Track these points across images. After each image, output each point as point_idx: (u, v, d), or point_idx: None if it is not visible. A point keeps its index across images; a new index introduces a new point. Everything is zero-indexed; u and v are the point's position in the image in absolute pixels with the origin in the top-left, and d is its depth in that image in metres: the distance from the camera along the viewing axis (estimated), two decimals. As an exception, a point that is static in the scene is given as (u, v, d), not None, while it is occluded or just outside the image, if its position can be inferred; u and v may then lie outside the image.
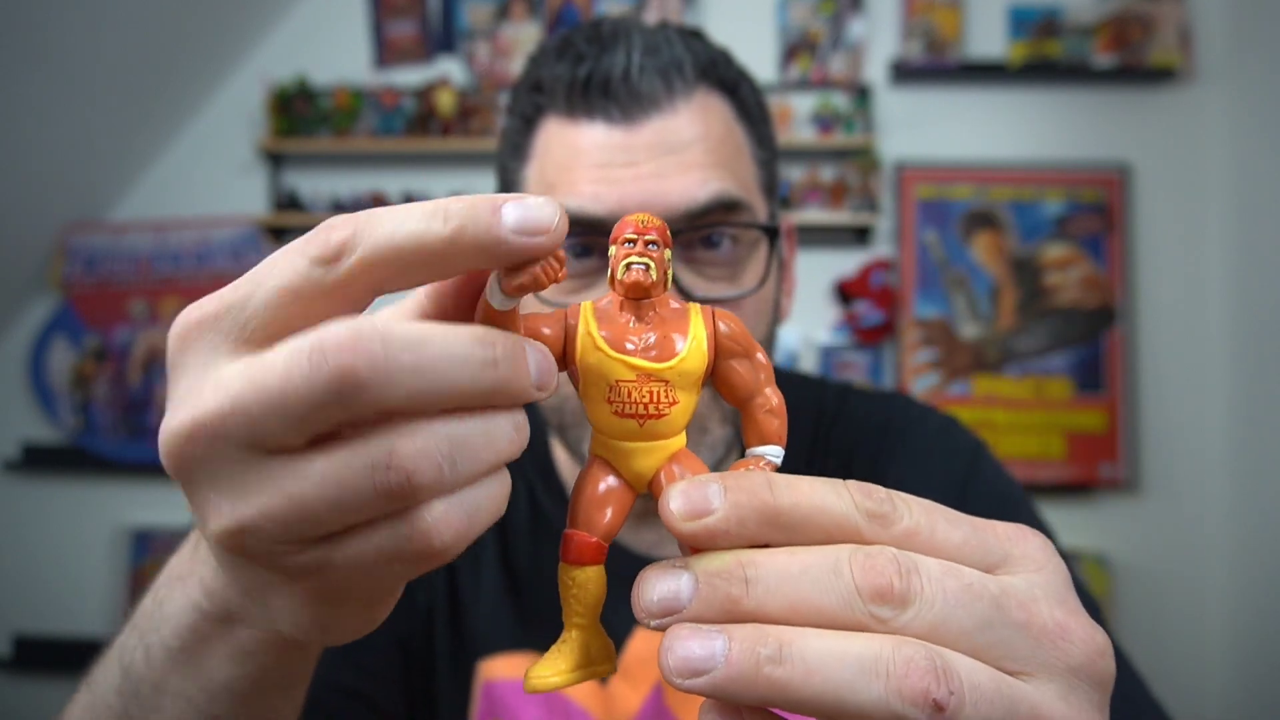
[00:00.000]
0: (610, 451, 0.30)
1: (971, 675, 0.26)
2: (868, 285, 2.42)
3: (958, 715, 0.25)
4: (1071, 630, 0.27)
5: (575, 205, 0.64)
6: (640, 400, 0.29)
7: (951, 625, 0.26)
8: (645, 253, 0.29)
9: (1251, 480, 2.22)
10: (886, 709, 0.25)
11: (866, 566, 0.26)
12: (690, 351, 0.30)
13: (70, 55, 2.08)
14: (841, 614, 0.26)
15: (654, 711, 0.68)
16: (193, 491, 0.27)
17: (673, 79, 0.66)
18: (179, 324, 0.28)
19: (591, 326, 0.30)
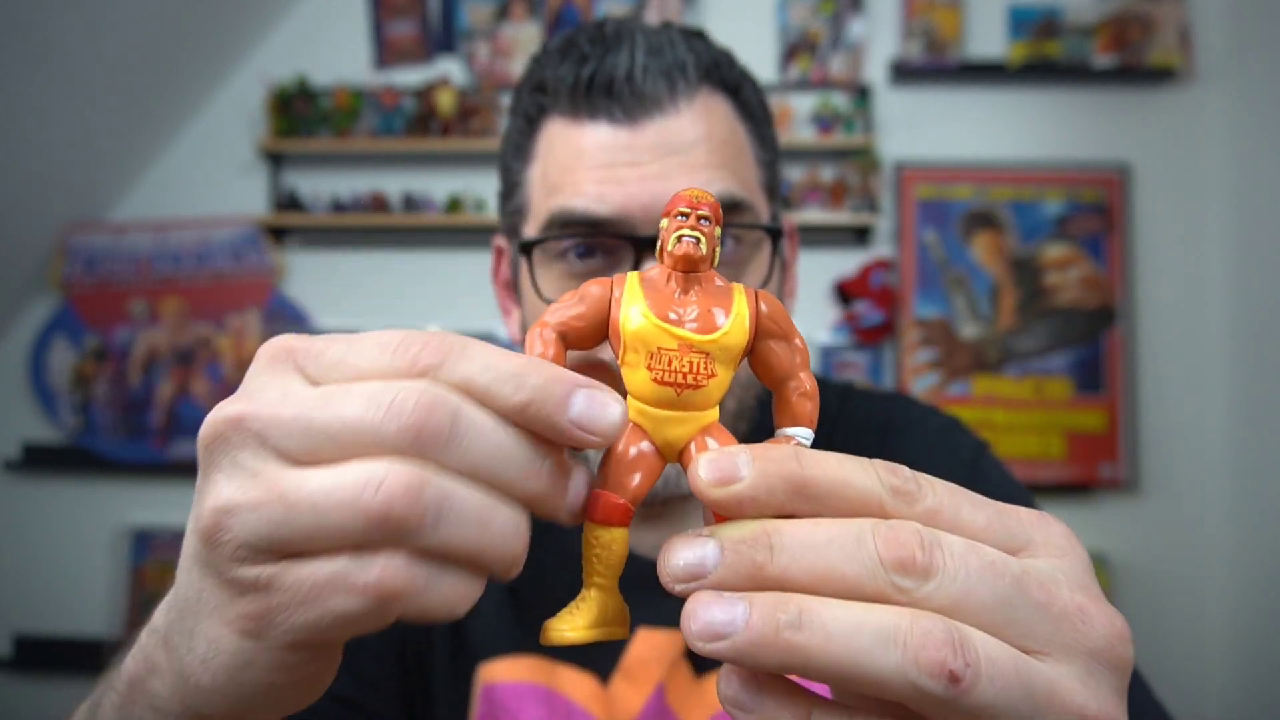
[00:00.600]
0: (645, 418, 0.31)
1: (988, 650, 0.26)
2: (868, 285, 2.42)
3: (973, 688, 0.25)
4: (1092, 614, 0.28)
5: (579, 205, 0.64)
6: (680, 369, 0.30)
7: (972, 600, 0.27)
8: (697, 226, 0.30)
9: (1251, 480, 2.22)
10: (903, 678, 0.25)
11: (889, 538, 0.27)
12: (733, 327, 0.30)
13: (70, 55, 2.08)
14: (864, 583, 0.27)
15: (656, 712, 0.68)
16: (207, 471, 0.29)
17: (676, 80, 0.66)
18: (272, 345, 0.31)
19: (638, 294, 0.31)
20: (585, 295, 0.31)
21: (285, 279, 2.54)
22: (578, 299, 0.31)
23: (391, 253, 2.53)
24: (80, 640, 2.46)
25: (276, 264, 2.52)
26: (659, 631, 0.69)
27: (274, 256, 2.52)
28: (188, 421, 2.50)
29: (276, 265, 2.52)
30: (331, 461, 0.27)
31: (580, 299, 0.31)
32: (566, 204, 0.65)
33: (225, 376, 2.50)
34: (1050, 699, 0.26)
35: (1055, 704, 0.26)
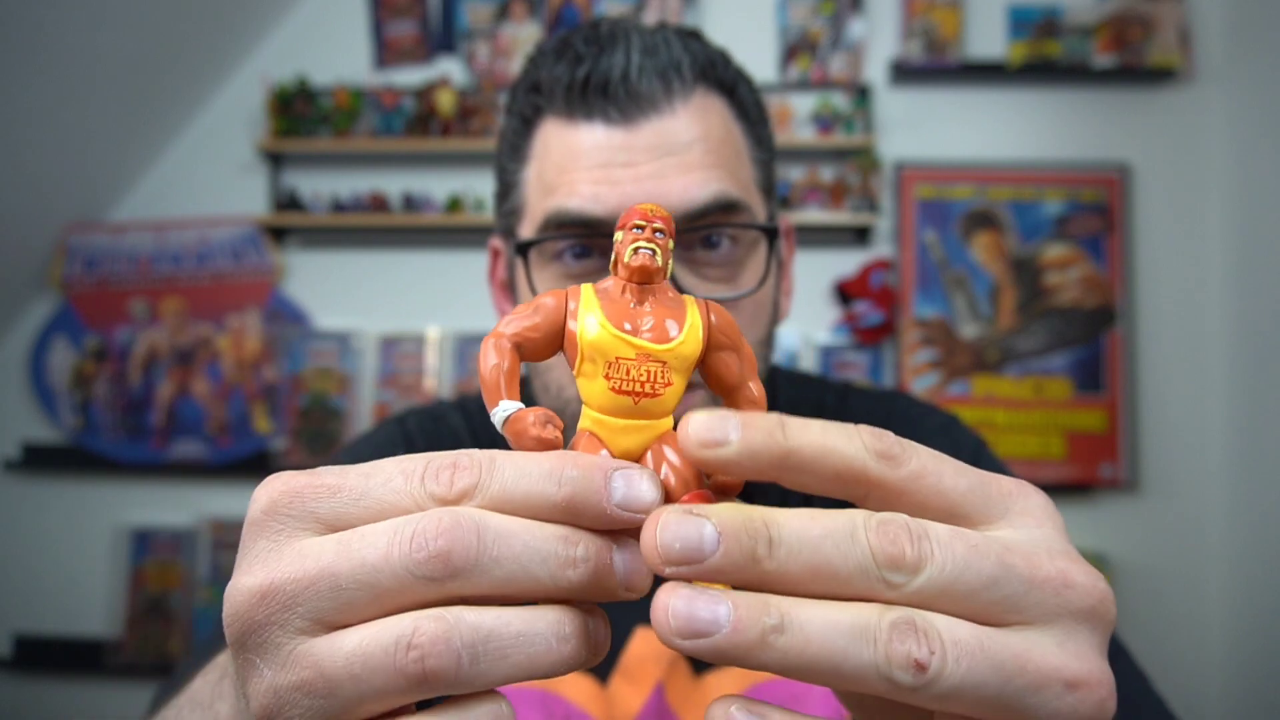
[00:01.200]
0: (602, 428, 0.31)
1: (953, 634, 0.27)
2: (867, 285, 2.42)
3: (940, 673, 0.26)
4: (1073, 577, 0.28)
5: (575, 206, 0.64)
6: (638, 378, 0.30)
7: (960, 586, 0.27)
8: (653, 239, 0.31)
9: (1251, 480, 2.22)
10: (876, 672, 0.26)
11: (881, 532, 0.27)
12: (687, 337, 0.31)
13: (70, 55, 2.08)
14: (855, 580, 0.27)
15: (655, 711, 0.67)
16: (241, 654, 0.28)
17: (671, 80, 0.66)
18: (271, 490, 0.29)
19: (594, 304, 0.31)
20: (540, 306, 0.31)
21: (285, 279, 2.54)
22: (532, 310, 0.32)
23: (391, 253, 2.53)
24: (80, 640, 2.46)
25: (276, 264, 2.52)
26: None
27: (274, 256, 2.52)
28: (188, 421, 2.50)
29: (276, 265, 2.52)
30: (368, 610, 0.27)
31: (535, 310, 0.31)
32: (562, 205, 0.65)
33: (225, 376, 2.50)
34: (1021, 668, 0.27)
35: (1028, 671, 0.27)
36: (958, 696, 0.27)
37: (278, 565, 0.28)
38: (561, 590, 0.28)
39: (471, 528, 0.27)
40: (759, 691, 0.68)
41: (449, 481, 0.28)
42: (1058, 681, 0.27)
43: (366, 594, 0.27)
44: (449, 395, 2.45)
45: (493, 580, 0.27)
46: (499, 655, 0.27)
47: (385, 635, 0.27)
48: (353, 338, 2.49)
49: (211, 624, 2.39)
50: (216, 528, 2.46)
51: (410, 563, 0.27)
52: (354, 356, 2.49)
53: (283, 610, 0.27)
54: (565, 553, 0.28)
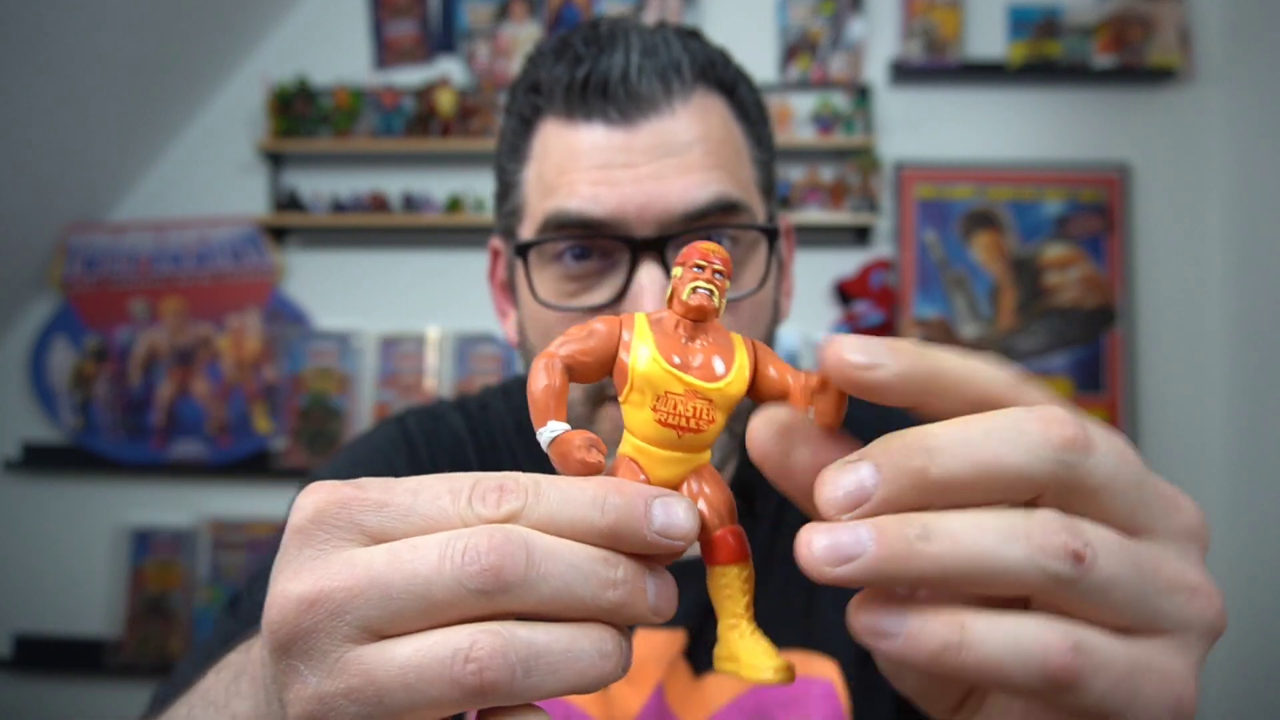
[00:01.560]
0: (643, 455, 0.32)
1: (1097, 533, 0.28)
2: (868, 285, 2.42)
3: (1094, 565, 0.27)
4: (1180, 499, 0.30)
5: (575, 207, 0.64)
6: (685, 413, 0.31)
7: (1121, 478, 0.29)
8: (713, 280, 0.32)
9: (1251, 480, 2.22)
10: (1032, 565, 0.27)
11: (1047, 418, 0.28)
12: (735, 377, 0.32)
13: (70, 55, 2.08)
14: (1032, 468, 0.27)
15: (655, 712, 0.67)
16: (284, 660, 0.28)
17: (671, 80, 0.65)
18: (317, 499, 0.29)
19: (648, 336, 0.32)
20: (594, 332, 0.32)
21: (285, 279, 2.54)
22: (587, 334, 0.32)
23: (391, 253, 2.53)
24: (80, 640, 2.46)
25: (276, 264, 2.52)
26: (658, 632, 0.69)
27: (274, 256, 2.52)
28: (188, 421, 2.50)
29: (276, 265, 2.52)
30: (416, 621, 0.28)
31: (589, 335, 0.32)
32: (562, 206, 0.65)
33: (225, 376, 2.50)
34: (1156, 571, 0.28)
35: (1160, 576, 0.28)
36: (1104, 593, 0.27)
37: (326, 572, 0.28)
38: (601, 610, 0.29)
39: (521, 545, 0.28)
40: (760, 691, 0.68)
41: (496, 503, 0.29)
42: (1185, 587, 0.29)
43: (417, 605, 0.27)
44: (449, 395, 2.45)
45: (539, 597, 0.28)
46: (549, 670, 0.28)
47: (442, 647, 0.27)
48: (353, 338, 2.49)
49: (212, 624, 2.39)
50: (216, 528, 2.46)
51: (463, 575, 0.27)
52: (354, 356, 2.49)
53: (331, 618, 0.27)
54: (607, 574, 0.29)
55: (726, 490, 0.32)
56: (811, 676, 0.69)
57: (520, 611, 0.28)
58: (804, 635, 0.71)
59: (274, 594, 0.28)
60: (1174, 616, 0.28)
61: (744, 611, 0.32)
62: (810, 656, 0.70)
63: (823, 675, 0.70)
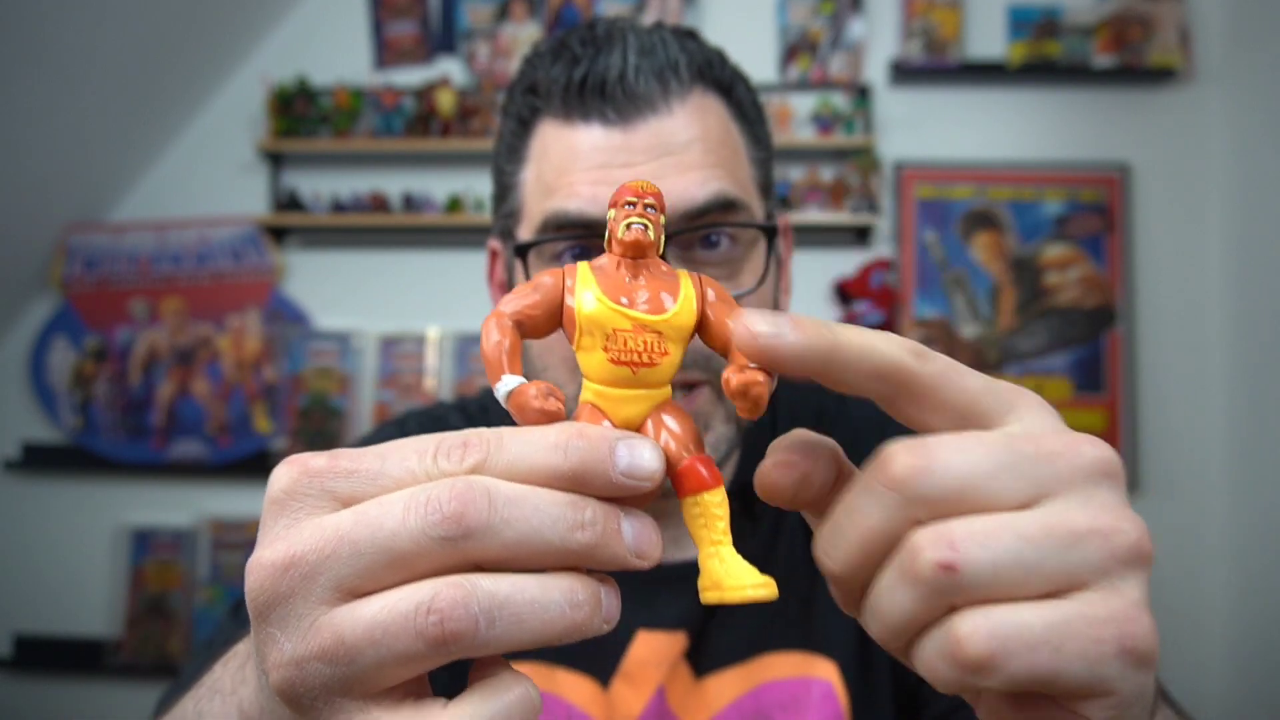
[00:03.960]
0: (603, 399, 0.32)
1: (970, 526, 0.28)
2: (868, 285, 2.42)
3: (970, 565, 0.27)
4: (1078, 443, 0.30)
5: (574, 207, 0.64)
6: (635, 348, 0.31)
7: (977, 474, 0.29)
8: (644, 214, 0.32)
9: (1251, 480, 2.22)
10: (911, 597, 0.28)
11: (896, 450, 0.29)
12: (681, 307, 0.32)
13: (70, 55, 2.08)
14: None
15: (657, 714, 0.68)
16: (262, 627, 0.29)
17: (668, 80, 0.66)
18: (291, 471, 0.30)
19: (590, 280, 0.32)
20: (539, 285, 0.33)
21: (285, 279, 2.54)
22: (531, 288, 0.33)
23: (391, 253, 2.53)
24: (80, 640, 2.46)
25: (276, 264, 2.52)
26: (659, 634, 0.69)
27: (274, 256, 2.52)
28: (188, 421, 2.50)
29: (276, 265, 2.52)
30: (387, 576, 0.28)
31: (534, 288, 0.33)
32: (561, 206, 0.65)
33: (225, 376, 2.50)
34: (1048, 532, 0.28)
35: (1056, 533, 0.28)
36: (996, 578, 0.27)
37: (299, 538, 0.29)
38: (572, 553, 0.29)
39: (483, 491, 0.28)
40: (761, 693, 0.68)
41: (460, 458, 0.29)
42: (1091, 534, 0.28)
43: (384, 558, 0.28)
44: (449, 396, 2.45)
45: (504, 542, 0.28)
46: (515, 619, 0.28)
47: (405, 601, 0.27)
48: (353, 338, 2.49)
49: (212, 624, 2.39)
50: (216, 528, 2.46)
51: (426, 525, 0.28)
52: (354, 356, 2.49)
53: (305, 580, 0.28)
54: (574, 516, 0.29)
55: (689, 421, 0.33)
56: (811, 677, 0.69)
57: (488, 559, 0.28)
58: (803, 636, 0.71)
59: (251, 563, 0.29)
60: (1087, 565, 0.28)
61: (721, 537, 0.32)
62: (810, 658, 0.70)
63: (822, 676, 0.70)
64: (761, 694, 0.68)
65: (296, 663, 0.28)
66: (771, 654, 0.69)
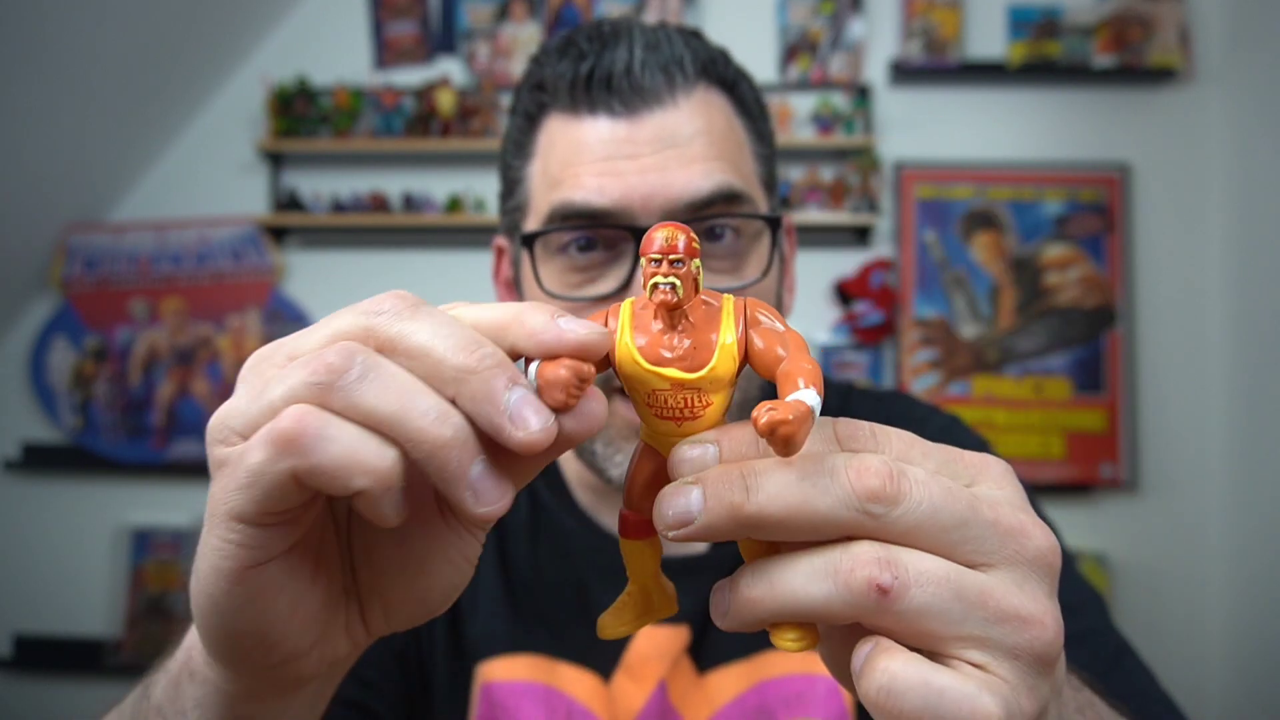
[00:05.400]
0: (656, 440, 0.33)
1: (919, 563, 0.29)
2: (868, 285, 2.42)
3: (902, 596, 0.28)
4: (1029, 529, 0.31)
5: (580, 198, 0.65)
6: (675, 406, 0.31)
7: (934, 522, 0.30)
8: (671, 271, 0.30)
9: (1251, 480, 2.22)
10: (838, 600, 0.29)
11: (860, 469, 0.29)
12: (719, 359, 0.31)
13: (70, 55, 2.08)
14: (839, 513, 0.29)
15: (658, 709, 0.68)
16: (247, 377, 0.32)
17: (674, 74, 0.66)
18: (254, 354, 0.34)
19: (628, 335, 0.31)
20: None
21: (285, 279, 2.54)
22: None
23: (391, 253, 2.53)
24: (80, 640, 2.46)
25: (276, 264, 2.52)
26: (661, 628, 0.69)
27: (274, 256, 2.52)
28: (188, 421, 2.50)
29: (276, 265, 2.52)
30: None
31: None
32: (567, 197, 0.65)
33: (225, 376, 2.50)
34: (982, 600, 0.29)
35: (989, 605, 0.29)
36: (917, 619, 0.29)
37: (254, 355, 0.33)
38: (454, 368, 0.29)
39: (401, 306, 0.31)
40: (763, 690, 0.68)
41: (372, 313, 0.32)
42: (1015, 618, 0.29)
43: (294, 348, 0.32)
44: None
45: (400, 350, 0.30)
46: (380, 385, 0.29)
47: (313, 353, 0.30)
48: (353, 338, 2.49)
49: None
50: (216, 528, 2.46)
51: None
52: (354, 356, 2.48)
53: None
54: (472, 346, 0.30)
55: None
56: (815, 674, 0.69)
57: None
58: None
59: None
60: (1000, 644, 0.29)
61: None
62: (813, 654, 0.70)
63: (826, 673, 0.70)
64: (764, 690, 0.68)
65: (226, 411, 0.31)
66: (774, 650, 0.69)
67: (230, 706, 0.37)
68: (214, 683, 0.36)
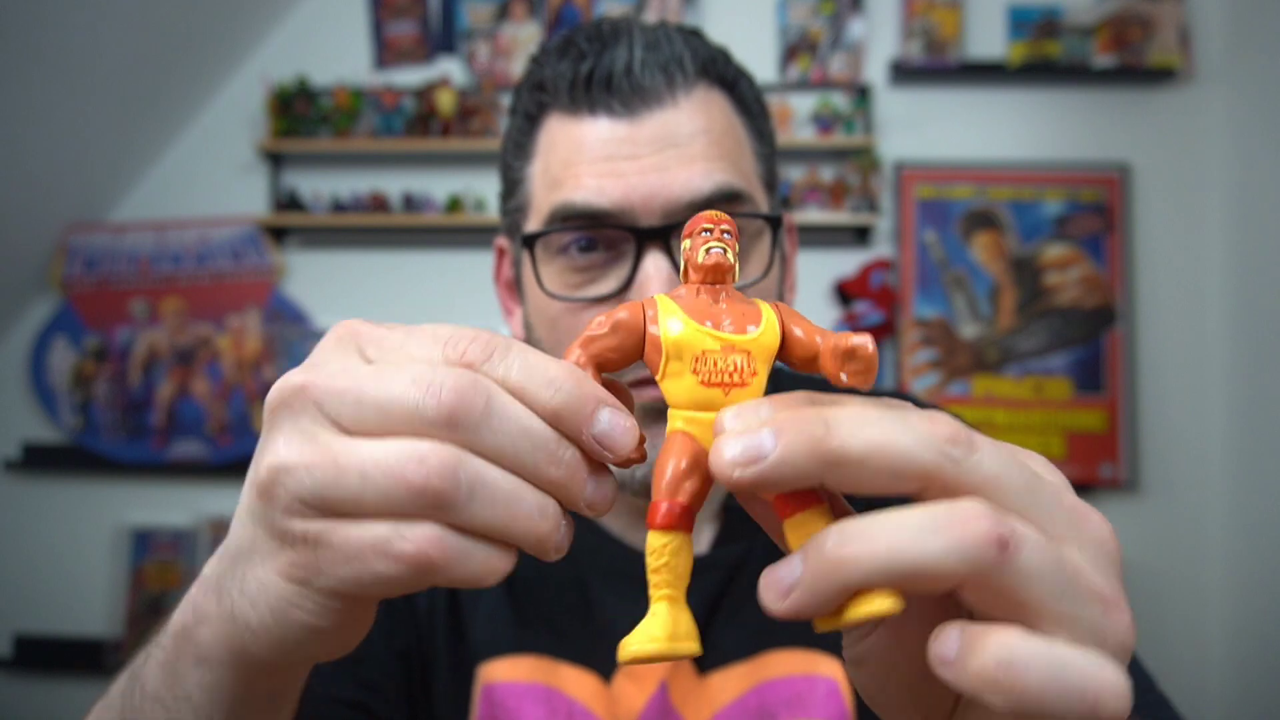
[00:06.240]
0: (694, 424, 0.31)
1: (1023, 526, 0.28)
2: (868, 285, 2.42)
3: (1019, 554, 0.27)
4: (1089, 513, 0.31)
5: (580, 198, 0.65)
6: (726, 369, 0.31)
7: (1007, 481, 0.29)
8: (722, 239, 0.32)
9: (1251, 480, 2.23)
10: (955, 555, 0.27)
11: (934, 418, 0.29)
12: (765, 328, 0.32)
13: (70, 55, 2.08)
14: (917, 451, 0.28)
15: (659, 710, 0.68)
16: (271, 429, 0.32)
17: (674, 74, 0.66)
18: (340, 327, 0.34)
19: (673, 307, 0.32)
20: (617, 322, 0.33)
21: (285, 279, 2.54)
22: (611, 327, 0.33)
23: (391, 253, 2.53)
24: (80, 640, 2.46)
25: (276, 264, 2.52)
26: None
27: (274, 256, 2.52)
28: (188, 421, 2.50)
29: (276, 265, 2.52)
30: (378, 433, 0.30)
31: (614, 327, 0.32)
32: (568, 198, 0.65)
33: (225, 376, 2.50)
34: (1077, 574, 0.28)
35: (1081, 581, 0.28)
36: (1026, 585, 0.27)
37: (321, 370, 0.31)
38: (541, 480, 0.31)
39: (484, 394, 0.30)
40: (764, 690, 0.68)
41: (462, 351, 0.31)
42: (1103, 599, 0.29)
43: (379, 415, 0.30)
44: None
45: (485, 446, 0.30)
46: (491, 501, 0.29)
47: (404, 448, 0.29)
48: (353, 338, 2.49)
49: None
50: (216, 528, 2.46)
51: (423, 402, 0.29)
52: (354, 356, 2.48)
53: (313, 403, 0.31)
54: (555, 450, 0.31)
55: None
56: (816, 675, 0.69)
57: (477, 449, 0.30)
58: (808, 634, 0.71)
59: (278, 381, 0.32)
60: (1090, 626, 0.28)
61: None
62: (814, 655, 0.70)
63: (827, 674, 0.70)
64: (765, 691, 0.68)
65: (287, 463, 0.30)
66: (775, 651, 0.69)
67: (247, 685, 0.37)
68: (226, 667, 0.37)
